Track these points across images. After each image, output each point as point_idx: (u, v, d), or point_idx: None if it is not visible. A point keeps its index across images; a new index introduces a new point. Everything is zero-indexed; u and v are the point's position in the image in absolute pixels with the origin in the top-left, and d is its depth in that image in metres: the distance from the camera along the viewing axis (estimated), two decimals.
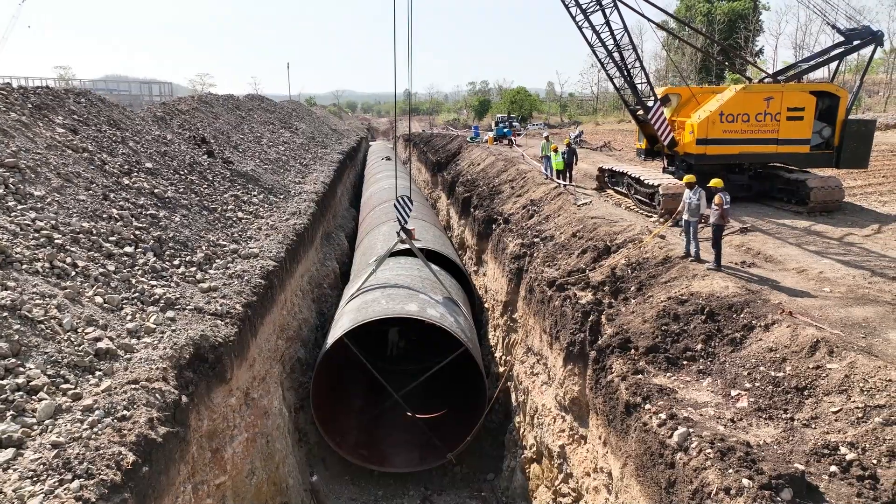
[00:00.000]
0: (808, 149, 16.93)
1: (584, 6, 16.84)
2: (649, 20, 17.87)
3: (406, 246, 17.55)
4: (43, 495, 5.99)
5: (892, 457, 6.04)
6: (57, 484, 6.20)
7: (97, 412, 7.53)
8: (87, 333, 9.29)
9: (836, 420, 6.84)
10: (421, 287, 17.26)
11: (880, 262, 11.68)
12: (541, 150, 23.89)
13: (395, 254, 19.12)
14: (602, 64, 17.51)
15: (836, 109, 16.90)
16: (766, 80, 17.70)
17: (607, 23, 16.93)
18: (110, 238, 13.04)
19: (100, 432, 7.20)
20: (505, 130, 40.23)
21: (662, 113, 17.44)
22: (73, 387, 8.03)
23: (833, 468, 6.17)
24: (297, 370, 17.25)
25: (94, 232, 12.84)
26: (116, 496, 6.50)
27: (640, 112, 17.85)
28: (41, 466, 6.36)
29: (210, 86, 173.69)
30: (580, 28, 17.39)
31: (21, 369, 7.83)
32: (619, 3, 16.84)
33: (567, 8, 17.30)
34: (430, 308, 15.83)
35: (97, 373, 8.57)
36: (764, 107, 16.56)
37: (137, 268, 12.62)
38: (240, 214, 19.71)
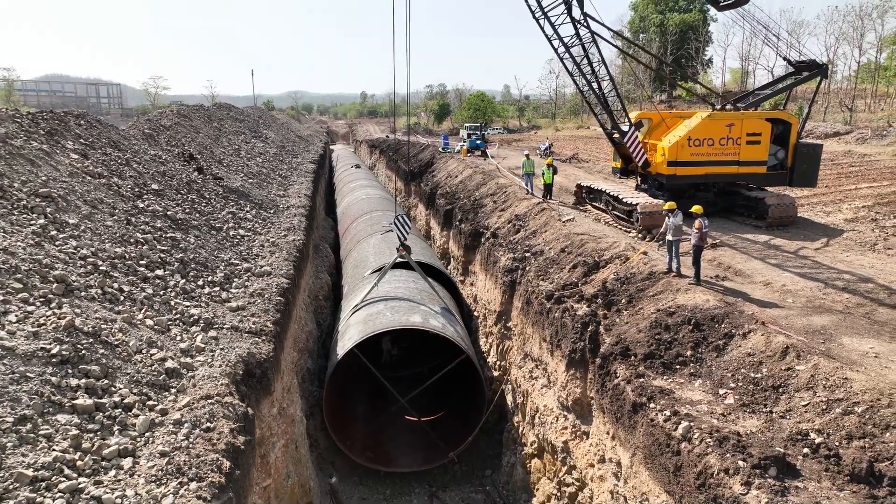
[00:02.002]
0: (765, 169, 18.99)
1: (566, 41, 18.47)
2: (605, 40, 19.61)
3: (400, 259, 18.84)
4: (172, 496, 7.12)
5: (850, 439, 7.71)
6: (178, 486, 7.34)
7: (186, 425, 8.64)
8: (152, 354, 10.32)
9: (805, 412, 8.51)
10: (420, 299, 18.56)
11: (831, 275, 13.62)
12: (522, 167, 25.45)
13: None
14: (583, 93, 19.19)
15: (789, 134, 19.02)
16: (728, 107, 19.67)
17: (587, 55, 18.60)
18: (141, 262, 13.95)
19: (194, 442, 8.32)
20: (478, 142, 41.74)
21: (637, 138, 19.23)
22: (156, 403, 9.10)
23: (805, 450, 7.81)
24: (306, 380, 18.32)
25: (127, 256, 13.74)
26: (224, 495, 7.68)
27: (616, 135, 19.60)
28: (160, 472, 7.47)
29: (164, 89, 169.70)
30: (562, 59, 19.05)
31: (113, 388, 8.87)
32: (597, 39, 18.56)
33: (550, 41, 18.90)
34: (432, 319, 17.17)
35: (172, 389, 9.64)
36: (726, 132, 18.52)
37: (170, 290, 13.59)
38: (241, 232, 20.60)
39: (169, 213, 17.75)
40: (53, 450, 7.22)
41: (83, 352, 9.08)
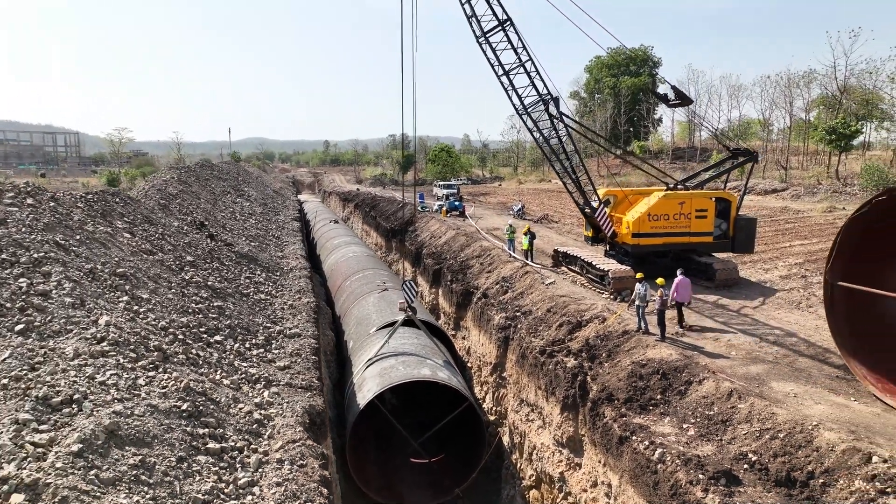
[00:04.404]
0: (711, 239, 22.75)
1: (535, 120, 22.07)
2: (574, 129, 23.39)
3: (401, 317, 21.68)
4: None
5: (776, 456, 10.85)
6: None
7: (286, 462, 11.30)
8: (240, 408, 12.94)
9: (745, 438, 11.65)
10: (425, 354, 21.34)
11: (764, 330, 17.10)
12: (505, 232, 28.84)
13: (390, 324, 23.12)
14: (559, 174, 22.79)
15: (730, 209, 22.90)
16: (679, 187, 23.53)
17: (555, 129, 22.17)
18: (201, 330, 16.54)
19: (296, 475, 10.99)
20: (456, 203, 45.19)
21: (606, 213, 22.85)
22: (257, 446, 11.74)
23: (745, 466, 10.92)
24: (330, 427, 20.74)
25: (191, 325, 16.34)
26: None
27: (588, 210, 23.17)
28: (281, 496, 10.13)
29: (128, 140, 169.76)
30: (541, 147, 22.73)
31: (227, 435, 11.48)
32: (564, 119, 22.29)
33: (531, 132, 22.59)
34: (439, 371, 19.95)
35: (264, 435, 12.27)
36: (679, 209, 22.27)
37: (229, 352, 16.20)
38: (261, 296, 23.19)
39: (208, 282, 20.32)
40: (206, 481, 9.82)
41: (201, 407, 11.71)
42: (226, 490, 9.82)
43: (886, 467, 9.46)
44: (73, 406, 9.74)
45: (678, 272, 17.69)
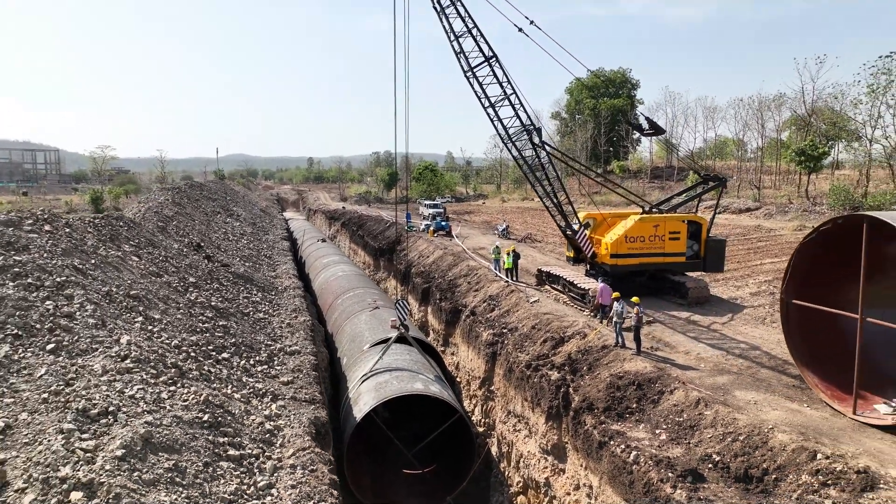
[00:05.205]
0: (684, 259, 24.34)
1: (519, 148, 23.60)
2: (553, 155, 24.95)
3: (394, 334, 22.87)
4: None
5: (736, 456, 12.22)
6: None
7: (298, 468, 12.46)
8: (252, 419, 14.05)
9: (710, 441, 13.02)
10: (417, 369, 22.52)
11: (731, 345, 18.60)
12: (492, 252, 30.27)
13: (383, 341, 24.29)
14: (542, 200, 24.28)
15: (701, 231, 24.54)
16: (654, 210, 25.15)
17: (538, 156, 23.71)
18: (209, 348, 17.62)
19: (308, 478, 12.14)
20: (443, 223, 46.57)
21: (586, 236, 24.36)
22: (270, 454, 12.87)
23: (710, 465, 12.27)
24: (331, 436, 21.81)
25: (200, 343, 17.43)
26: None
27: (569, 232, 24.67)
28: (298, 497, 11.27)
29: (111, 158, 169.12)
30: (526, 175, 24.24)
31: (244, 444, 12.61)
32: (546, 147, 23.85)
33: (516, 160, 24.11)
34: (431, 385, 21.14)
35: (276, 443, 13.40)
36: (654, 231, 23.86)
37: (236, 369, 17.28)
38: (260, 315, 24.28)
39: (212, 303, 21.38)
40: (230, 483, 10.96)
41: (219, 418, 12.85)
42: (248, 492, 10.95)
43: (828, 463, 10.87)
44: (109, 417, 10.85)
45: (599, 279, 21.15)
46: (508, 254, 27.88)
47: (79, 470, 8.97)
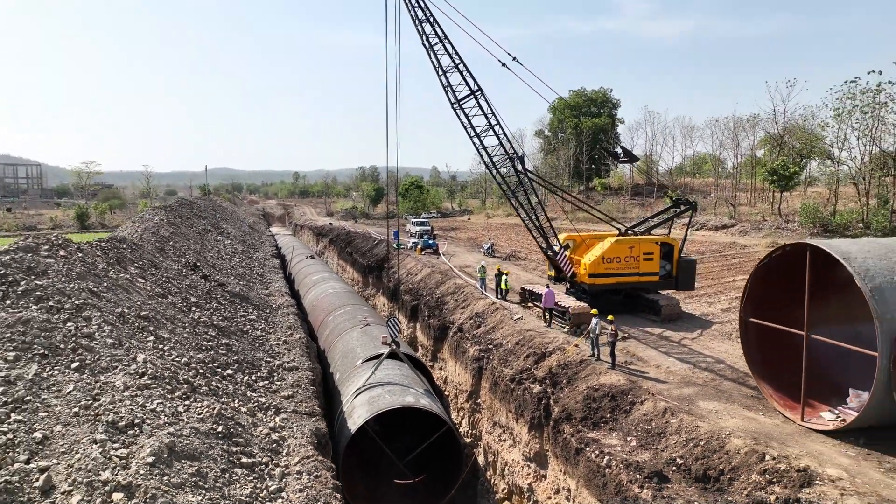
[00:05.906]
0: (657, 278, 26.01)
1: (503, 175, 25.21)
2: (535, 181, 26.65)
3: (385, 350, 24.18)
4: None
5: (697, 459, 13.70)
6: None
7: (304, 474, 13.72)
8: (259, 430, 15.28)
9: (675, 447, 14.49)
10: (407, 383, 23.80)
11: (698, 359, 20.18)
12: (478, 271, 31.75)
13: (375, 356, 25.58)
14: (525, 222, 25.86)
15: (673, 252, 26.24)
16: (629, 233, 26.83)
17: (521, 183, 25.31)
18: (215, 364, 18.82)
19: (313, 483, 13.41)
20: (430, 242, 48.01)
21: (566, 256, 25.95)
22: (278, 462, 14.11)
23: (674, 468, 13.74)
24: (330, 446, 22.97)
25: (206, 361, 18.62)
26: None
27: (550, 253, 26.24)
28: (306, 499, 12.54)
29: (96, 173, 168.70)
30: (509, 199, 25.82)
31: (254, 452, 13.86)
32: (528, 174, 25.47)
33: (500, 186, 25.70)
34: (422, 399, 22.44)
35: (282, 452, 14.64)
36: (629, 252, 25.51)
37: (241, 384, 18.50)
38: (258, 333, 25.47)
39: (213, 322, 22.57)
40: (246, 487, 12.22)
41: (231, 430, 14.10)
42: (261, 495, 12.21)
43: (774, 463, 12.39)
44: (136, 428, 12.07)
45: (546, 285, 24.14)
46: (502, 273, 29.36)
47: (117, 474, 10.20)
